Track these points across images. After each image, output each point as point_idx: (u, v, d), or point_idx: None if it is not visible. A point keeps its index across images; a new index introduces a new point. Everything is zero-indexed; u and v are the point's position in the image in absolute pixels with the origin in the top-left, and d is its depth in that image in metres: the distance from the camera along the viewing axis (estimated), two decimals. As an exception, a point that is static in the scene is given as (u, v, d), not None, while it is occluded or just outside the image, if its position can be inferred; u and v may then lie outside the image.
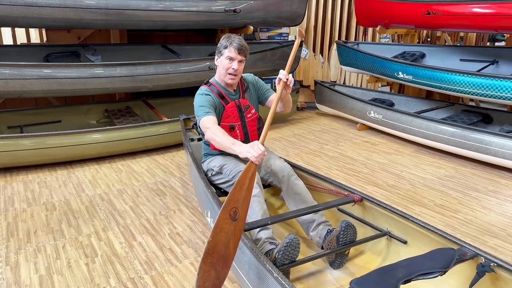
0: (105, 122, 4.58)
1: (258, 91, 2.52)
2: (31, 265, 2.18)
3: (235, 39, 2.26)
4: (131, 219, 2.73)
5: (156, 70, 4.06)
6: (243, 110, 2.39)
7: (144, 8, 3.99)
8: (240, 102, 2.40)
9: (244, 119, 2.40)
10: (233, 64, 2.27)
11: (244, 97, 2.44)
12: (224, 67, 2.29)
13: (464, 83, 3.90)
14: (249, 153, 1.86)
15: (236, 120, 2.38)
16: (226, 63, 2.28)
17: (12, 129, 4.09)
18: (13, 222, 2.68)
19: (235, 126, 2.38)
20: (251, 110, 2.43)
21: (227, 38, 2.28)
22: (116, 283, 2.03)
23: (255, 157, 1.83)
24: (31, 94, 3.68)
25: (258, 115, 2.46)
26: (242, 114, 2.39)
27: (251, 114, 2.43)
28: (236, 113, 2.38)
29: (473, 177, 3.53)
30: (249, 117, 2.42)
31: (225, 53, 2.27)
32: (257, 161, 1.84)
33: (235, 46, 2.24)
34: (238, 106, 2.38)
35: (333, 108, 5.52)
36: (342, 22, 6.37)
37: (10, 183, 3.37)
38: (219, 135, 2.08)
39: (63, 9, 3.56)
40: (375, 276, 1.50)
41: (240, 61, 2.28)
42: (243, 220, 1.76)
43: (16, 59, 4.03)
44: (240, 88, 2.45)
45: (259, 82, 2.56)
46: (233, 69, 2.27)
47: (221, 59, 2.32)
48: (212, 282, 1.68)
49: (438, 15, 4.08)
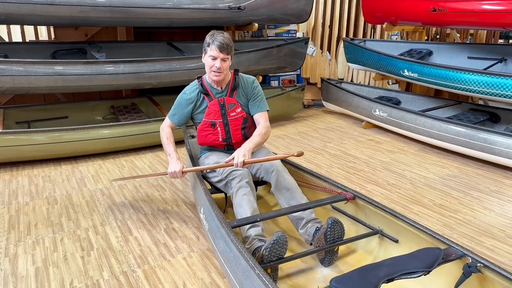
0: (111, 118, 4.65)
1: (247, 96, 2.51)
2: (28, 257, 2.24)
3: (217, 37, 2.27)
4: (129, 214, 2.78)
5: (159, 67, 4.10)
6: (227, 108, 2.43)
7: (149, 5, 4.03)
8: (224, 100, 2.43)
9: (226, 117, 2.43)
10: (215, 62, 2.31)
11: (232, 95, 2.46)
12: (209, 65, 2.35)
13: (470, 81, 3.83)
14: (169, 169, 2.40)
15: (217, 117, 2.43)
16: (209, 61, 2.33)
17: (20, 124, 4.19)
18: (15, 215, 2.75)
19: (216, 123, 2.44)
20: (236, 108, 2.45)
21: (211, 36, 2.30)
22: (109, 276, 2.08)
23: (170, 173, 2.39)
24: (38, 91, 3.77)
25: (245, 114, 2.47)
26: (225, 111, 2.43)
27: (235, 113, 2.45)
28: (218, 111, 2.43)
29: (476, 177, 3.47)
30: (233, 116, 2.44)
31: (208, 52, 2.31)
32: (170, 176, 2.41)
33: (217, 45, 2.26)
34: (221, 104, 2.43)
35: (339, 106, 5.49)
36: (350, 19, 6.32)
37: (16, 177, 3.46)
38: (165, 142, 2.54)
39: (69, 7, 3.62)
40: (356, 275, 1.50)
41: (222, 59, 2.30)
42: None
43: (24, 56, 4.12)
44: (229, 86, 2.47)
45: (255, 90, 2.52)
46: (216, 67, 2.31)
47: (205, 58, 2.36)
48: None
49: (445, 12, 4.01)
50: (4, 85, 3.55)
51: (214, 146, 2.53)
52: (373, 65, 5.05)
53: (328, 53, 6.36)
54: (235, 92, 2.48)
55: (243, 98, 2.50)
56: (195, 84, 2.51)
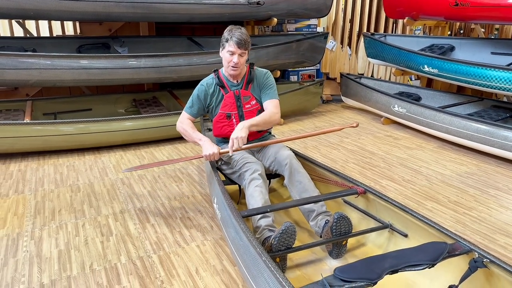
0: (133, 111, 4.79)
1: (260, 86, 2.59)
2: (52, 240, 2.38)
3: (235, 33, 2.34)
4: (147, 202, 2.89)
5: (179, 61, 4.20)
6: (242, 100, 2.51)
7: (169, 1, 4.12)
8: (239, 93, 2.51)
9: (241, 109, 2.51)
10: (233, 57, 2.39)
11: (248, 88, 2.54)
12: (226, 60, 2.42)
13: (491, 77, 3.75)
14: (206, 151, 2.41)
15: (233, 109, 2.52)
16: (227, 56, 2.40)
17: (47, 115, 4.39)
18: (41, 201, 2.91)
19: (231, 115, 2.52)
20: (251, 101, 2.53)
21: (229, 32, 2.37)
22: (126, 261, 2.18)
23: (206, 155, 2.40)
24: (64, 84, 3.93)
25: (259, 106, 2.53)
26: (240, 104, 2.51)
27: (250, 105, 2.52)
28: (233, 103, 2.51)
29: (495, 175, 3.41)
30: (248, 108, 2.52)
31: (226, 47, 2.39)
32: (206, 158, 2.42)
33: (235, 41, 2.33)
34: (237, 96, 2.51)
35: (358, 101, 5.46)
36: (371, 13, 6.25)
37: (42, 165, 3.63)
38: (189, 130, 2.53)
39: (93, 3, 3.76)
40: (360, 265, 1.54)
41: (240, 54, 2.38)
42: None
43: (51, 50, 4.30)
44: (245, 79, 2.54)
45: (267, 80, 2.59)
46: (234, 62, 2.39)
47: (223, 53, 2.43)
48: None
49: (467, 6, 3.93)
50: (32, 78, 3.73)
51: (228, 137, 2.60)
52: (393, 60, 5.00)
53: (349, 48, 6.32)
54: (250, 85, 2.56)
55: (257, 90, 2.58)
56: (211, 77, 2.60)
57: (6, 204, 2.87)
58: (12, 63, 3.60)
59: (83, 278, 2.03)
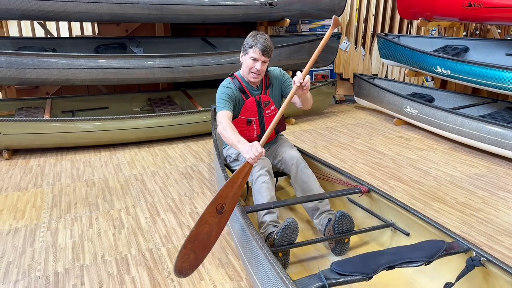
0: (148, 110, 4.92)
1: (282, 85, 2.58)
2: (67, 232, 2.50)
3: (260, 40, 2.28)
4: (159, 198, 2.99)
5: (193, 62, 4.30)
6: (263, 106, 2.48)
7: (183, 2, 4.23)
8: (260, 98, 2.48)
9: (262, 114, 2.49)
10: (256, 64, 2.32)
11: (266, 93, 2.52)
12: (248, 66, 2.35)
13: (505, 79, 3.72)
14: (247, 154, 1.98)
15: (254, 115, 2.49)
16: (250, 62, 2.33)
17: (65, 113, 4.55)
18: (58, 195, 3.04)
19: (252, 120, 2.49)
20: (271, 106, 2.52)
21: (253, 38, 2.30)
22: (136, 252, 2.28)
23: (251, 158, 1.97)
24: (82, 82, 4.08)
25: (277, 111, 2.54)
26: (261, 109, 2.49)
27: (270, 110, 2.51)
28: (255, 108, 2.47)
29: (506, 177, 3.39)
30: (268, 113, 2.51)
31: (250, 53, 2.31)
32: (253, 162, 1.98)
33: (260, 48, 2.27)
34: (258, 102, 2.48)
35: (370, 102, 5.47)
36: (386, 14, 6.23)
37: (60, 161, 3.78)
38: (228, 131, 2.20)
39: (109, 5, 3.89)
40: (357, 260, 1.59)
41: (263, 61, 2.32)
42: (229, 213, 1.91)
43: (70, 50, 4.46)
44: (263, 84, 2.52)
45: (285, 76, 2.60)
46: (256, 69, 2.33)
47: (245, 58, 2.36)
48: (190, 263, 1.81)
49: (480, 7, 3.90)
50: (52, 76, 3.89)
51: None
52: (406, 61, 4.98)
53: (363, 48, 6.32)
54: (269, 90, 2.54)
55: (276, 91, 2.55)
56: (230, 81, 2.48)
57: (25, 197, 3.02)
58: (33, 62, 3.76)
59: (95, 268, 2.13)
